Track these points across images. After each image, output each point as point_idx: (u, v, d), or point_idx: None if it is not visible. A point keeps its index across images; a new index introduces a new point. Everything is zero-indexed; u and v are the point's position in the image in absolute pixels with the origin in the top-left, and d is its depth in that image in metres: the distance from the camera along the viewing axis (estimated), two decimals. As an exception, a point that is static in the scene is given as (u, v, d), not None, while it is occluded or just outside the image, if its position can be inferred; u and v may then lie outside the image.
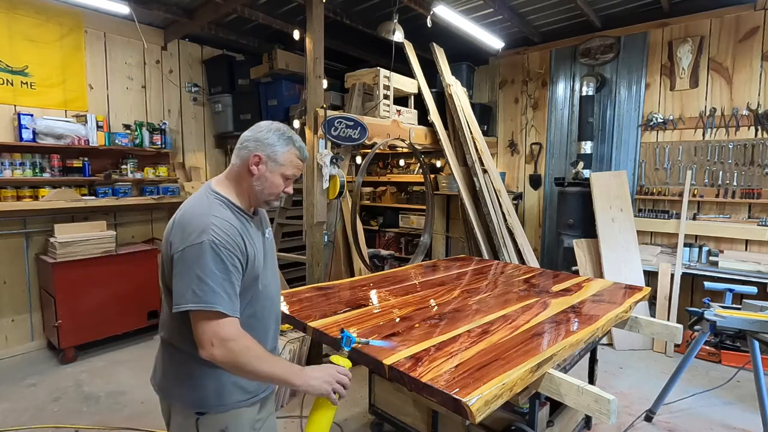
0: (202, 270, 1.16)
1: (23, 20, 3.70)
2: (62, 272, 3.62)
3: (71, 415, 2.89)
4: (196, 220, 1.22)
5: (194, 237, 1.18)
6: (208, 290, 1.15)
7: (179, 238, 1.21)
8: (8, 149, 3.54)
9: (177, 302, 1.17)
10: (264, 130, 1.33)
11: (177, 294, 1.18)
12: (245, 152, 1.32)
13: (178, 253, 1.19)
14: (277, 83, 4.47)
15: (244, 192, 1.35)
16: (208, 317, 1.15)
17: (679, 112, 4.41)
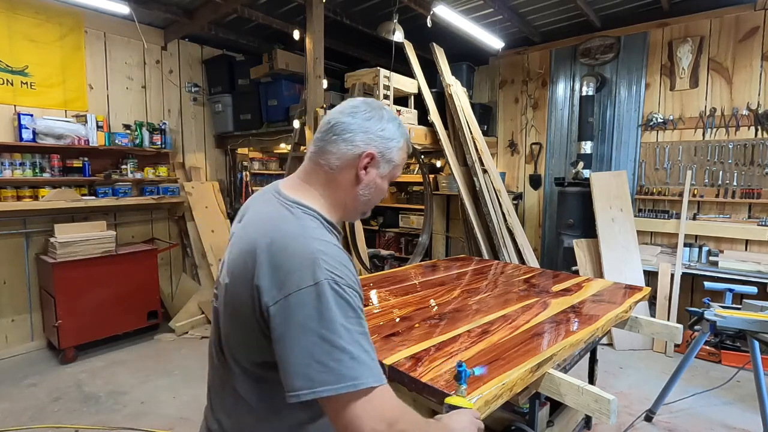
0: (329, 326, 0.77)
1: (23, 20, 3.70)
2: (62, 272, 3.61)
3: (71, 415, 2.89)
4: (294, 246, 0.82)
5: (302, 275, 0.79)
6: (346, 358, 0.76)
7: (275, 279, 0.80)
8: (8, 149, 3.54)
9: (294, 385, 0.76)
10: (375, 117, 0.95)
11: (290, 371, 0.77)
12: (349, 147, 0.93)
13: (277, 304, 0.79)
14: (277, 83, 4.47)
15: (338, 202, 0.97)
16: (357, 398, 0.76)
17: (679, 112, 4.41)
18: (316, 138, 0.97)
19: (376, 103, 0.98)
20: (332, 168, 0.94)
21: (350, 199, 0.97)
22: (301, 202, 0.92)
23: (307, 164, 0.98)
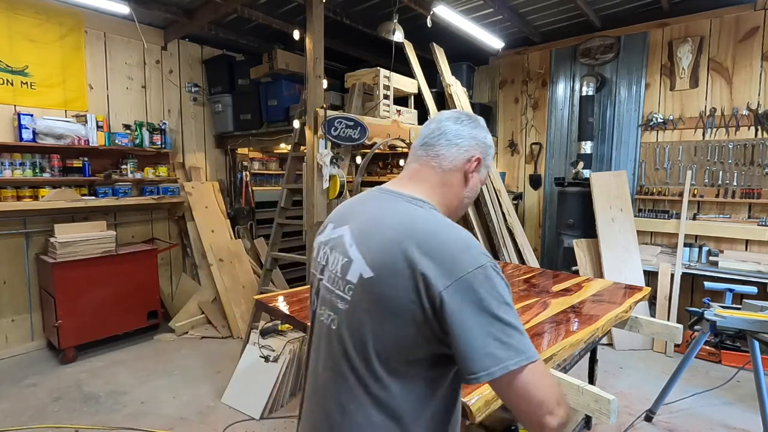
0: (500, 306, 0.81)
1: (23, 20, 3.70)
2: (62, 272, 3.61)
3: (71, 415, 2.89)
4: (447, 233, 0.87)
5: (468, 259, 0.82)
6: (516, 334, 0.81)
7: (441, 265, 0.82)
8: (8, 149, 3.54)
9: (478, 366, 0.79)
10: (479, 126, 1.04)
11: (471, 353, 0.79)
12: (460, 152, 1.00)
13: (449, 289, 0.80)
14: (277, 83, 4.47)
15: (446, 202, 1.01)
16: (528, 369, 0.80)
17: (679, 112, 4.41)
18: (425, 143, 1.04)
19: (474, 114, 1.08)
20: (444, 170, 1.01)
21: (457, 199, 1.03)
22: (422, 199, 0.97)
23: (416, 166, 1.03)
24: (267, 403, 2.89)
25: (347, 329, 0.91)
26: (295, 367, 3.11)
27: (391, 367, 0.88)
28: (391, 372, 0.88)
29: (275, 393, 2.93)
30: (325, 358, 0.96)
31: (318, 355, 1.00)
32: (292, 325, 2.06)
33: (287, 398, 3.05)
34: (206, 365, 3.64)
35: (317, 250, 1.07)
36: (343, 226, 1.00)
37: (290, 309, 2.11)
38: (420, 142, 1.05)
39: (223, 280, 4.46)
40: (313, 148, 3.31)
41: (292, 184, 3.74)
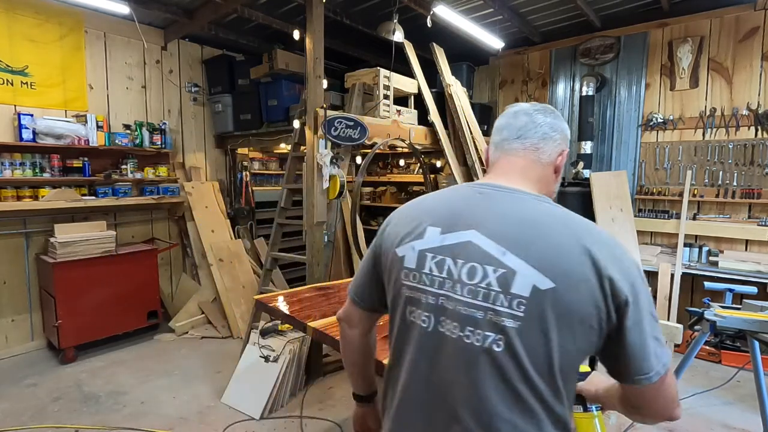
0: (652, 305, 0.84)
1: (23, 20, 3.70)
2: (62, 272, 3.61)
3: (71, 415, 2.89)
4: (605, 234, 0.87)
5: (629, 260, 0.84)
6: (660, 333, 0.84)
7: (618, 267, 0.81)
8: (8, 149, 3.54)
9: (647, 366, 0.81)
10: (560, 118, 1.03)
11: (643, 353, 0.81)
12: (555, 146, 1.00)
13: (630, 291, 0.80)
14: (277, 83, 4.47)
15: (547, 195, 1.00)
16: (671, 369, 0.86)
17: (679, 112, 4.41)
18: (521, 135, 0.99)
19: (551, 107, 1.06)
20: (543, 164, 0.99)
21: (552, 191, 1.03)
22: (542, 196, 0.95)
23: (516, 160, 0.99)
24: (267, 403, 2.89)
25: (523, 348, 0.82)
26: (295, 367, 3.11)
27: (568, 379, 0.86)
28: (566, 384, 0.85)
29: (275, 393, 2.93)
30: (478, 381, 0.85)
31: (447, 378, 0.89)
32: (292, 325, 2.06)
33: (287, 398, 3.05)
34: (206, 365, 3.64)
35: (416, 259, 0.94)
36: (465, 230, 0.90)
37: (290, 309, 2.11)
38: (513, 135, 1.00)
39: (223, 280, 4.46)
40: (313, 148, 3.31)
41: (292, 184, 3.74)
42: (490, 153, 1.06)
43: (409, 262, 0.95)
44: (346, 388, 3.27)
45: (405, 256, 0.96)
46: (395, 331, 1.01)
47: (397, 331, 1.00)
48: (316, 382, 3.34)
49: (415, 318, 0.94)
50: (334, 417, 2.89)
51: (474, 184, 1.00)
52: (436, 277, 0.91)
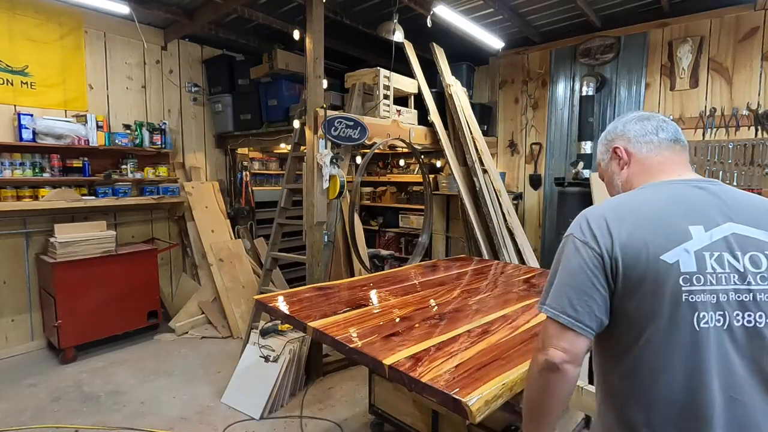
0: None
1: (23, 20, 3.70)
2: (62, 272, 3.61)
3: (71, 415, 2.89)
4: None
5: None
6: None
7: None
8: (8, 149, 3.54)
9: None
10: None
11: None
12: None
13: None
14: (277, 83, 4.47)
15: None
16: None
17: (679, 112, 4.41)
18: (677, 138, 1.12)
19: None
20: None
21: None
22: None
23: (684, 157, 1.11)
24: (267, 403, 2.89)
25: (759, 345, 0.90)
26: (295, 367, 3.11)
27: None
28: None
29: (275, 393, 2.93)
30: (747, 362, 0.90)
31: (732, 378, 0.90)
32: (292, 325, 2.06)
33: (287, 398, 3.06)
34: (206, 365, 3.64)
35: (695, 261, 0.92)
36: (722, 224, 0.94)
37: (290, 309, 2.11)
38: (672, 137, 1.11)
39: (223, 280, 4.46)
40: (313, 148, 3.31)
41: (292, 184, 3.74)
42: (636, 149, 1.13)
43: (687, 266, 0.92)
44: (345, 388, 3.27)
45: (679, 261, 0.91)
46: (653, 344, 0.94)
47: (658, 344, 0.93)
48: (316, 382, 3.34)
49: (706, 322, 0.91)
50: (334, 417, 2.89)
51: (677, 181, 1.05)
52: (722, 274, 0.91)
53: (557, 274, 1.01)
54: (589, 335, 0.95)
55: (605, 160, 1.21)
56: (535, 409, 1.02)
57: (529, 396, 1.02)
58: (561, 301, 0.97)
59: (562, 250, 1.02)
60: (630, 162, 1.13)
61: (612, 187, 1.20)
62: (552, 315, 0.97)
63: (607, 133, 1.21)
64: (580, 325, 0.94)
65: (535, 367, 0.99)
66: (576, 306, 0.95)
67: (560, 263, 1.01)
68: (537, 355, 0.99)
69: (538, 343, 1.00)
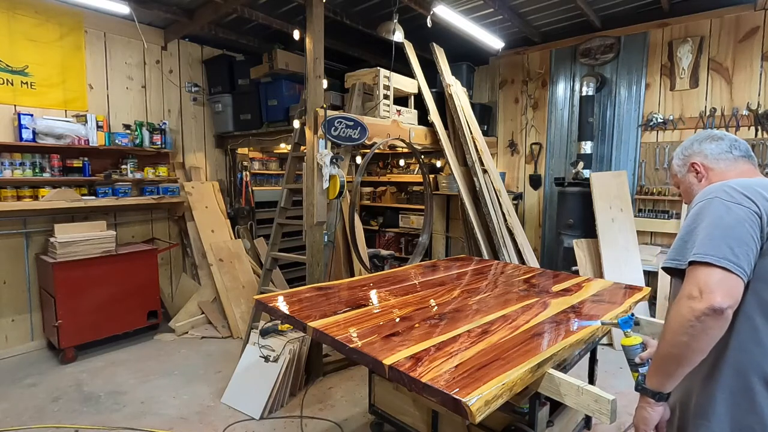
0: None
1: (23, 20, 3.70)
2: (62, 272, 3.61)
3: (71, 415, 2.89)
4: None
5: None
6: None
7: None
8: (8, 149, 3.54)
9: None
10: None
11: None
12: None
13: None
14: (277, 83, 4.47)
15: None
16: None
17: (679, 112, 4.41)
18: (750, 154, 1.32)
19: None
20: None
21: None
22: None
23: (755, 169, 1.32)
24: (267, 403, 2.89)
25: None
26: (295, 367, 3.11)
27: None
28: None
29: (275, 393, 2.93)
30: None
31: None
32: (292, 325, 2.06)
33: (287, 398, 3.05)
34: (206, 365, 3.64)
35: None
36: None
37: (290, 309, 2.11)
38: (745, 154, 1.32)
39: (223, 280, 4.46)
40: (313, 148, 3.31)
41: (292, 184, 3.74)
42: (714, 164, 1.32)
43: None
44: (345, 388, 3.27)
45: None
46: None
47: None
48: (316, 382, 3.34)
49: None
50: (334, 417, 2.89)
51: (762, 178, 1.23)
52: None
53: (703, 229, 1.10)
54: (745, 280, 1.04)
55: (682, 173, 1.40)
56: (682, 356, 1.08)
57: (676, 342, 1.07)
58: (720, 249, 1.04)
59: (704, 210, 1.14)
60: (707, 174, 1.32)
61: (690, 193, 1.37)
62: (713, 260, 1.04)
63: (684, 149, 1.39)
64: (742, 269, 1.03)
65: (689, 315, 1.04)
66: (737, 252, 1.03)
67: (704, 221, 1.12)
68: (691, 303, 1.04)
69: (689, 292, 1.06)
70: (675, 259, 1.17)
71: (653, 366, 1.18)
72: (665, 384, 1.15)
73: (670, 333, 1.09)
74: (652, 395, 1.17)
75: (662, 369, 1.14)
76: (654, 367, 1.17)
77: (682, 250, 1.15)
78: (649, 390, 1.18)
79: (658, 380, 1.16)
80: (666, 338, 1.11)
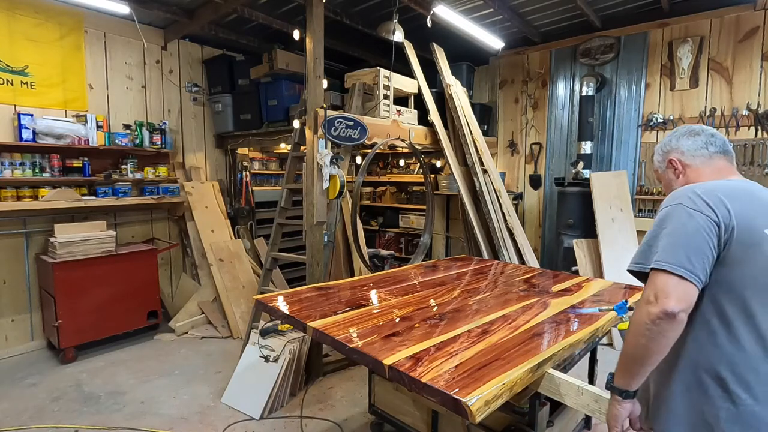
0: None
1: (23, 20, 3.70)
2: (62, 272, 3.61)
3: (71, 415, 2.89)
4: None
5: None
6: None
7: None
8: (8, 149, 3.54)
9: None
10: None
11: None
12: None
13: None
14: (277, 83, 4.47)
15: None
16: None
17: (679, 112, 4.41)
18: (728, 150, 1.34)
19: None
20: None
21: None
22: None
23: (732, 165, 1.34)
24: (267, 403, 2.89)
25: None
26: (295, 367, 3.11)
27: None
28: None
29: (275, 393, 2.93)
30: None
31: None
32: (292, 325, 2.06)
33: (287, 398, 3.05)
34: (206, 365, 3.64)
35: None
36: None
37: (290, 309, 2.11)
38: (721, 150, 1.34)
39: (223, 280, 4.46)
40: (313, 148, 3.31)
41: (292, 184, 3.74)
42: (690, 160, 1.35)
43: None
44: (345, 388, 3.27)
45: None
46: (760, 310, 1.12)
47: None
48: (316, 382, 3.34)
49: None
50: (334, 417, 2.89)
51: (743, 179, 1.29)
52: None
53: (665, 236, 1.15)
54: (699, 287, 1.10)
55: (662, 168, 1.43)
56: (641, 356, 1.15)
57: (636, 344, 1.14)
58: (677, 257, 1.10)
59: (668, 217, 1.17)
60: (685, 171, 1.35)
61: (669, 189, 1.39)
62: (670, 268, 1.09)
63: (663, 145, 1.42)
64: (696, 277, 1.08)
65: (646, 318, 1.10)
66: (693, 261, 1.09)
67: (667, 227, 1.16)
68: (648, 307, 1.10)
69: (647, 297, 1.12)
70: (639, 262, 1.20)
71: (619, 366, 1.23)
72: (630, 383, 1.21)
73: (631, 335, 1.16)
74: (619, 393, 1.24)
75: (626, 369, 1.20)
76: (619, 368, 1.23)
77: (646, 254, 1.18)
78: (616, 388, 1.25)
79: (624, 380, 1.22)
80: (628, 340, 1.18)
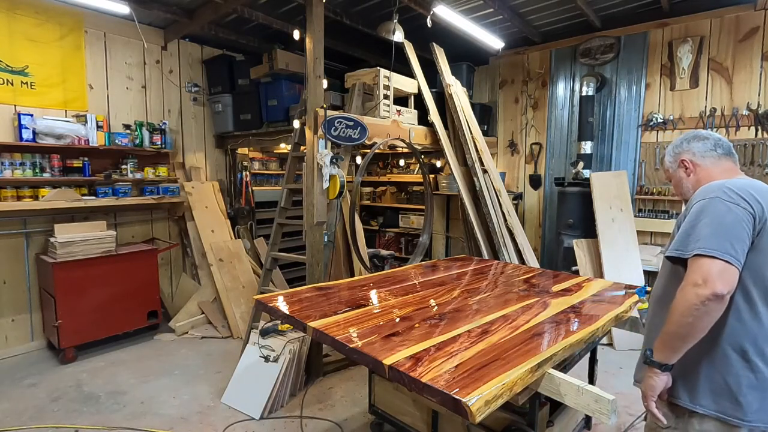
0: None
1: (23, 20, 3.70)
2: (62, 272, 3.62)
3: (71, 415, 2.89)
4: None
5: None
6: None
7: None
8: (8, 149, 3.54)
9: None
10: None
11: None
12: None
13: None
14: (277, 83, 4.47)
15: None
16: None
17: (679, 112, 4.41)
18: (732, 153, 1.51)
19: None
20: None
21: None
22: None
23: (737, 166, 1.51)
24: (267, 403, 2.89)
25: None
26: (295, 367, 3.11)
27: None
28: None
29: (275, 393, 2.93)
30: None
31: None
32: (292, 325, 2.06)
33: (287, 398, 3.05)
34: (206, 365, 3.64)
35: None
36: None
37: (290, 309, 2.11)
38: (727, 152, 1.50)
39: (223, 280, 4.46)
40: (313, 148, 3.31)
41: (292, 184, 3.74)
42: (700, 161, 1.51)
43: None
44: (345, 388, 3.27)
45: None
46: None
47: None
48: (316, 382, 3.34)
49: None
50: (334, 417, 2.89)
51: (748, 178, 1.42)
52: None
53: (705, 226, 1.27)
54: (740, 271, 1.24)
55: (673, 168, 1.58)
56: (685, 334, 1.27)
57: (682, 323, 1.26)
58: (722, 245, 1.23)
59: (705, 209, 1.30)
60: (695, 170, 1.51)
61: (680, 186, 1.57)
62: (716, 254, 1.22)
63: (674, 147, 1.58)
64: (739, 262, 1.23)
65: (695, 300, 1.22)
66: (736, 247, 1.23)
67: (705, 218, 1.29)
68: (697, 290, 1.22)
69: (694, 280, 1.24)
70: (679, 249, 1.32)
71: (660, 342, 1.35)
72: (671, 357, 1.33)
73: (677, 315, 1.27)
74: (659, 366, 1.35)
75: (669, 345, 1.32)
76: (661, 343, 1.34)
77: (685, 242, 1.31)
78: (656, 362, 1.36)
79: (665, 354, 1.34)
80: (673, 319, 1.28)
